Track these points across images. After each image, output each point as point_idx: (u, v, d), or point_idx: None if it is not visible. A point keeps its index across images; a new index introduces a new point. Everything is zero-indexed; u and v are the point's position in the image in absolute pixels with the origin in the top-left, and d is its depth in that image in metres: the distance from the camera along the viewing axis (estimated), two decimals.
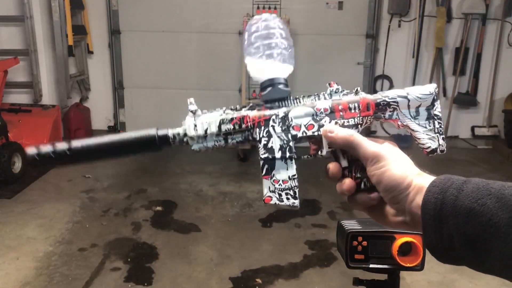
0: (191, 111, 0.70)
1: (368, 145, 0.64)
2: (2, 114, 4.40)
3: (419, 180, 0.60)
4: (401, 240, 0.91)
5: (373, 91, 5.14)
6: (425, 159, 0.72)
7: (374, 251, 0.93)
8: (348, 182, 0.65)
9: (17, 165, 4.34)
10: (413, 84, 5.33)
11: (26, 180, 4.34)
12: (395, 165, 0.62)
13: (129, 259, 3.12)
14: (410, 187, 0.60)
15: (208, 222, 3.69)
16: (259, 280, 2.93)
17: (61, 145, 0.69)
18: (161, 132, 0.70)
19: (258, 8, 5.11)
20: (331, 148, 0.68)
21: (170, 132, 0.70)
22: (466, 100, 5.60)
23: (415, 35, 5.42)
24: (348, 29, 5.44)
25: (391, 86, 5.53)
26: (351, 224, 0.96)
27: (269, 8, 5.12)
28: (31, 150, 0.70)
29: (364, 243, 0.93)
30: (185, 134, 0.70)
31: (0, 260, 3.06)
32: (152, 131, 0.70)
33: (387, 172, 0.61)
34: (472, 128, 5.75)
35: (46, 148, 0.69)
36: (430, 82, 5.53)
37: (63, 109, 5.21)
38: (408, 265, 0.90)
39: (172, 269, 3.03)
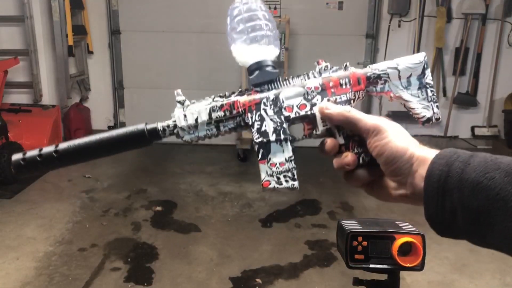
0: (179, 102, 0.69)
1: (367, 118, 0.63)
2: (2, 114, 4.40)
3: (422, 152, 0.59)
4: (401, 240, 0.91)
5: None
6: None
7: (374, 251, 0.93)
8: (351, 156, 0.64)
9: None
10: None
11: (25, 180, 4.34)
12: (396, 136, 0.61)
13: (129, 259, 3.12)
14: (413, 158, 0.59)
15: (208, 222, 3.69)
16: (259, 280, 2.93)
17: (48, 148, 0.66)
18: (150, 126, 0.70)
19: None
20: (325, 126, 0.67)
21: (160, 125, 0.70)
22: (466, 100, 5.60)
23: (415, 35, 5.42)
24: (348, 29, 5.44)
25: None
26: (351, 224, 0.96)
27: (269, 8, 5.11)
28: (16, 156, 0.66)
29: (364, 243, 0.93)
30: (175, 126, 0.69)
31: (0, 260, 3.06)
32: (141, 126, 0.70)
33: (389, 144, 0.61)
34: (472, 128, 5.75)
35: (32, 152, 0.66)
36: None
37: (63, 109, 5.21)
38: (408, 265, 0.90)
39: (172, 269, 3.03)
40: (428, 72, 0.68)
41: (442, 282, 2.94)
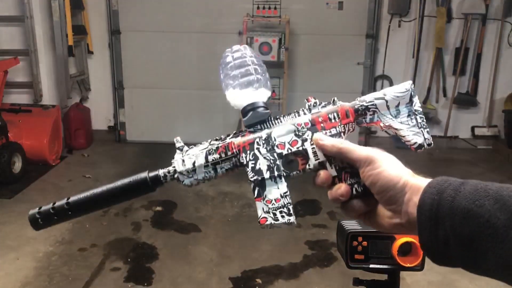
0: (178, 148, 0.73)
1: (360, 149, 0.65)
2: (2, 114, 4.40)
3: (415, 181, 0.60)
4: (401, 240, 0.91)
5: (373, 91, 5.14)
6: (424, 160, 0.72)
7: (374, 251, 0.93)
8: (344, 187, 0.66)
9: (17, 165, 4.34)
10: (414, 84, 5.32)
11: (26, 180, 4.34)
12: (389, 166, 0.62)
13: (129, 259, 3.12)
14: (406, 186, 0.60)
15: (208, 222, 3.69)
16: (259, 280, 2.93)
17: (60, 202, 0.72)
18: (152, 173, 0.74)
19: (258, 8, 5.11)
20: (317, 160, 0.69)
21: (161, 171, 0.74)
22: (466, 100, 5.60)
23: (415, 35, 5.42)
24: (348, 29, 5.43)
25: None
26: (351, 224, 0.96)
27: (269, 8, 5.11)
28: (32, 211, 0.72)
29: (364, 243, 0.93)
30: (175, 171, 0.73)
31: (0, 260, 3.06)
32: (143, 174, 0.73)
33: (382, 173, 0.62)
34: (472, 128, 5.75)
35: (46, 206, 0.72)
36: (430, 82, 5.55)
37: (63, 109, 5.21)
38: (408, 265, 0.90)
39: (172, 269, 3.03)
40: (415, 99, 0.69)
41: (442, 282, 2.94)
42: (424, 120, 0.69)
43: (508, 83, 5.50)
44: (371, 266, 0.93)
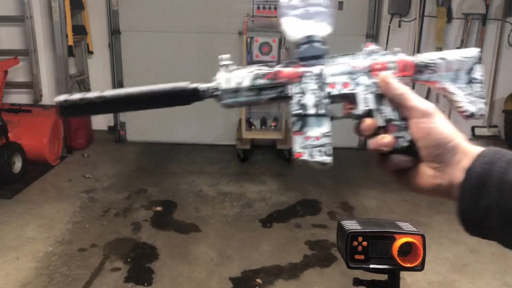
0: (224, 65, 0.69)
1: (420, 99, 0.63)
2: (2, 114, 4.40)
3: (467, 145, 0.59)
4: (401, 240, 0.91)
5: None
6: None
7: (374, 251, 0.93)
8: (389, 137, 0.64)
9: (17, 165, 4.34)
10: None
11: (26, 180, 4.34)
12: (444, 123, 0.61)
13: (129, 259, 3.12)
14: (457, 148, 0.59)
15: (208, 222, 3.69)
16: (259, 280, 2.93)
17: (92, 93, 0.67)
18: (192, 85, 0.69)
19: (258, 8, 5.11)
20: (367, 107, 0.66)
21: (203, 85, 0.69)
22: None
23: (415, 35, 5.42)
24: (348, 29, 5.43)
25: None
26: (351, 224, 0.96)
27: (269, 8, 5.11)
28: (61, 97, 0.67)
29: (364, 243, 0.93)
30: (217, 88, 0.68)
31: (0, 260, 3.06)
32: (183, 84, 0.69)
33: (437, 128, 0.60)
34: (472, 129, 5.75)
35: (76, 96, 0.67)
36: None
37: None
38: (408, 265, 0.90)
39: (172, 269, 3.03)
40: (478, 67, 0.67)
41: (442, 283, 2.94)
42: (483, 91, 0.67)
43: (508, 83, 5.50)
44: (371, 266, 0.93)
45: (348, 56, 0.68)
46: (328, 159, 0.65)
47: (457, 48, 5.44)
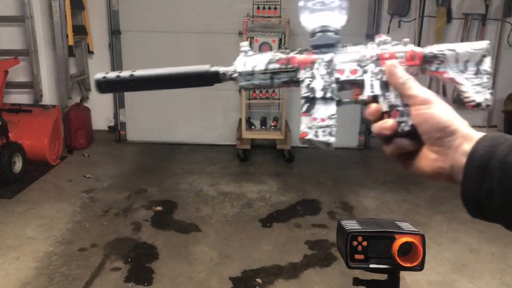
0: (244, 51, 0.74)
1: (421, 88, 0.65)
2: (3, 114, 4.41)
3: (468, 130, 0.61)
4: (401, 240, 0.91)
5: None
6: None
7: (374, 251, 0.93)
8: (391, 121, 0.66)
9: (18, 165, 4.34)
10: None
11: (26, 180, 4.35)
12: (443, 109, 0.63)
13: (129, 259, 3.12)
14: (458, 132, 0.60)
15: (208, 222, 3.69)
16: (259, 280, 2.93)
17: (125, 72, 0.76)
18: (213, 68, 0.75)
19: (258, 8, 5.10)
20: (372, 93, 0.69)
21: (222, 69, 0.75)
22: None
23: (415, 35, 5.42)
24: (348, 29, 5.36)
25: None
26: (351, 224, 0.96)
27: (269, 8, 5.11)
28: (99, 75, 0.75)
29: (364, 243, 0.93)
30: (235, 71, 0.74)
31: (0, 260, 3.07)
32: (205, 67, 0.75)
33: (435, 113, 0.62)
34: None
35: (112, 74, 0.76)
36: (430, 83, 5.54)
37: (63, 109, 5.21)
38: (408, 265, 0.91)
39: (172, 269, 3.03)
40: (487, 59, 0.68)
41: (442, 282, 2.94)
42: (491, 82, 0.68)
43: (508, 83, 5.50)
44: (371, 266, 0.93)
45: (359, 46, 0.73)
46: (332, 139, 0.69)
47: None
